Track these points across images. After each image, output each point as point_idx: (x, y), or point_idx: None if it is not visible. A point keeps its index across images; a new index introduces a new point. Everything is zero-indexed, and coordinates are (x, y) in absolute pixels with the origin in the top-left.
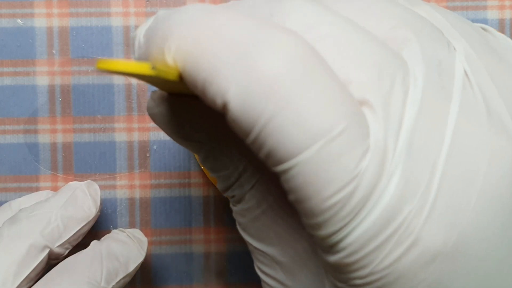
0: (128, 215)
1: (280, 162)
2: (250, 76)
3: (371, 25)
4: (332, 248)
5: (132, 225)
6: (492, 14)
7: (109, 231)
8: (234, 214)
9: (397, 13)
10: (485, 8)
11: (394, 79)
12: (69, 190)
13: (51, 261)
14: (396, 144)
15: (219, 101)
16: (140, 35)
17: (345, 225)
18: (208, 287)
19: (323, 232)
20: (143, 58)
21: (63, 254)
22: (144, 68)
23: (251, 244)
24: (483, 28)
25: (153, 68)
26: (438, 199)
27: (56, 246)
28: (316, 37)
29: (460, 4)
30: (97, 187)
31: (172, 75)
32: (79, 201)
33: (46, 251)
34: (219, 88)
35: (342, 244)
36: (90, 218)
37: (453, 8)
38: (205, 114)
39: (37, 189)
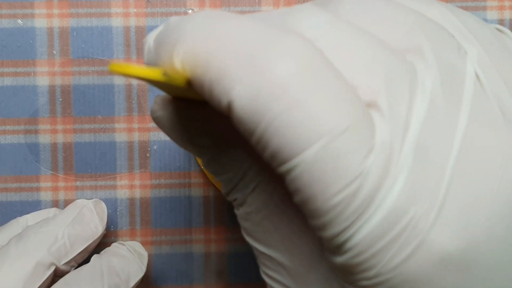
0: (128, 215)
1: (285, 161)
2: (258, 77)
3: (384, 34)
4: (338, 249)
5: (132, 225)
6: (492, 15)
7: (109, 232)
8: (238, 219)
9: (410, 20)
10: (484, 8)
11: (402, 84)
12: (76, 208)
13: (56, 279)
14: (402, 146)
15: (224, 100)
16: (150, 40)
17: (351, 224)
18: (208, 287)
19: (329, 232)
20: (152, 62)
21: (68, 272)
22: (155, 74)
23: (256, 249)
24: (498, 29)
25: (165, 74)
26: (447, 202)
27: (62, 263)
28: (326, 45)
29: (460, 4)
30: (104, 205)
31: (179, 81)
32: (86, 219)
33: (52, 269)
34: (225, 87)
35: (348, 245)
36: (96, 236)
37: None
38: (209, 118)
39: (38, 189)
